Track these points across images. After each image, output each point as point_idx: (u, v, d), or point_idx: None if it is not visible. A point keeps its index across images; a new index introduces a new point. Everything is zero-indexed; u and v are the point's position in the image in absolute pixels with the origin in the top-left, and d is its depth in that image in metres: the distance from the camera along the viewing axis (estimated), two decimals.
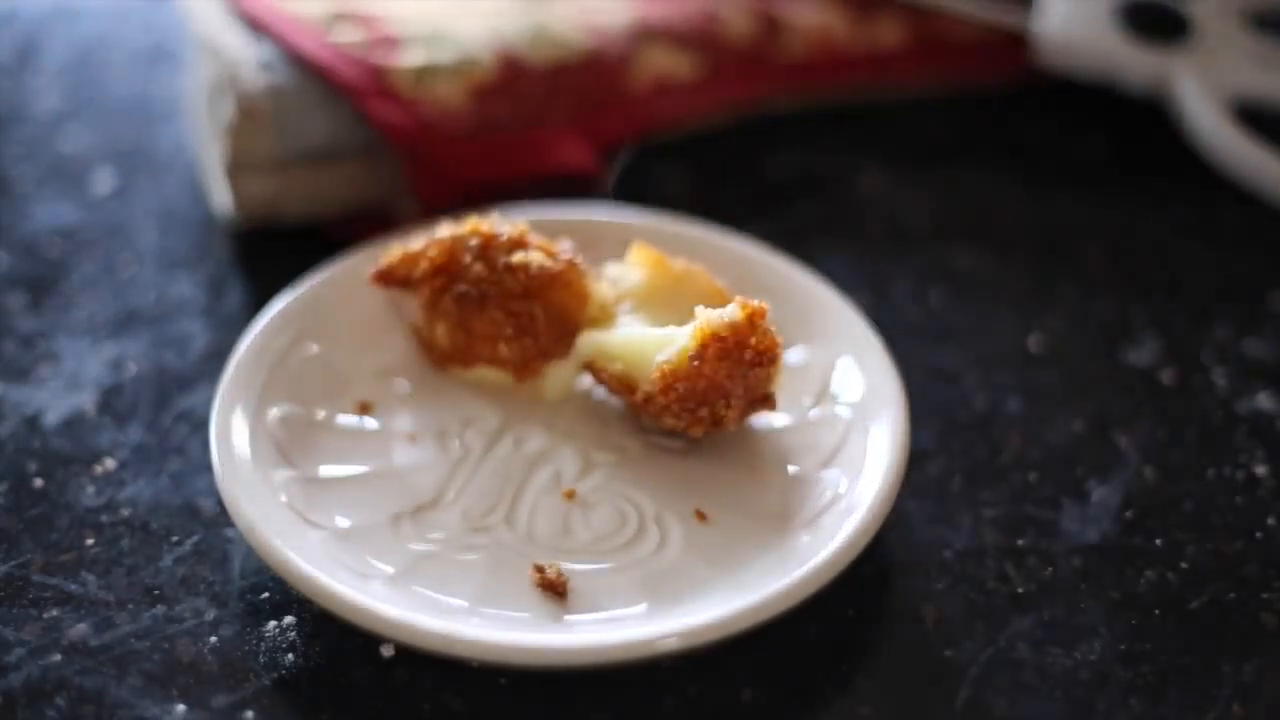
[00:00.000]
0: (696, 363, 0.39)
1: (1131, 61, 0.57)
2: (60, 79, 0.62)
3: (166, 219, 0.54)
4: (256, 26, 0.51)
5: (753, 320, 0.39)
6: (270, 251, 0.51)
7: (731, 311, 0.39)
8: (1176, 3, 0.57)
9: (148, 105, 0.60)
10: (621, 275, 0.44)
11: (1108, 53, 0.57)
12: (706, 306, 0.41)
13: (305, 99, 0.49)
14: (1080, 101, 0.61)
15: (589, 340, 0.43)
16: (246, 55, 0.50)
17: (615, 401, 0.44)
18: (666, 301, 0.43)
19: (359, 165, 0.50)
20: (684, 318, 0.41)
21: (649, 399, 0.41)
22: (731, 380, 0.40)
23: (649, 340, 0.41)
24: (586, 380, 0.44)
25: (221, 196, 0.51)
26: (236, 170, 0.49)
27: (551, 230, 0.47)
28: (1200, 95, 0.55)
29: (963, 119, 0.61)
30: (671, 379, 0.40)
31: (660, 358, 0.40)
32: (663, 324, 0.42)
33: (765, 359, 0.39)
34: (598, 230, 0.48)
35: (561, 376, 0.44)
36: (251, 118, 0.49)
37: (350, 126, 0.50)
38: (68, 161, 0.57)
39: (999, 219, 0.56)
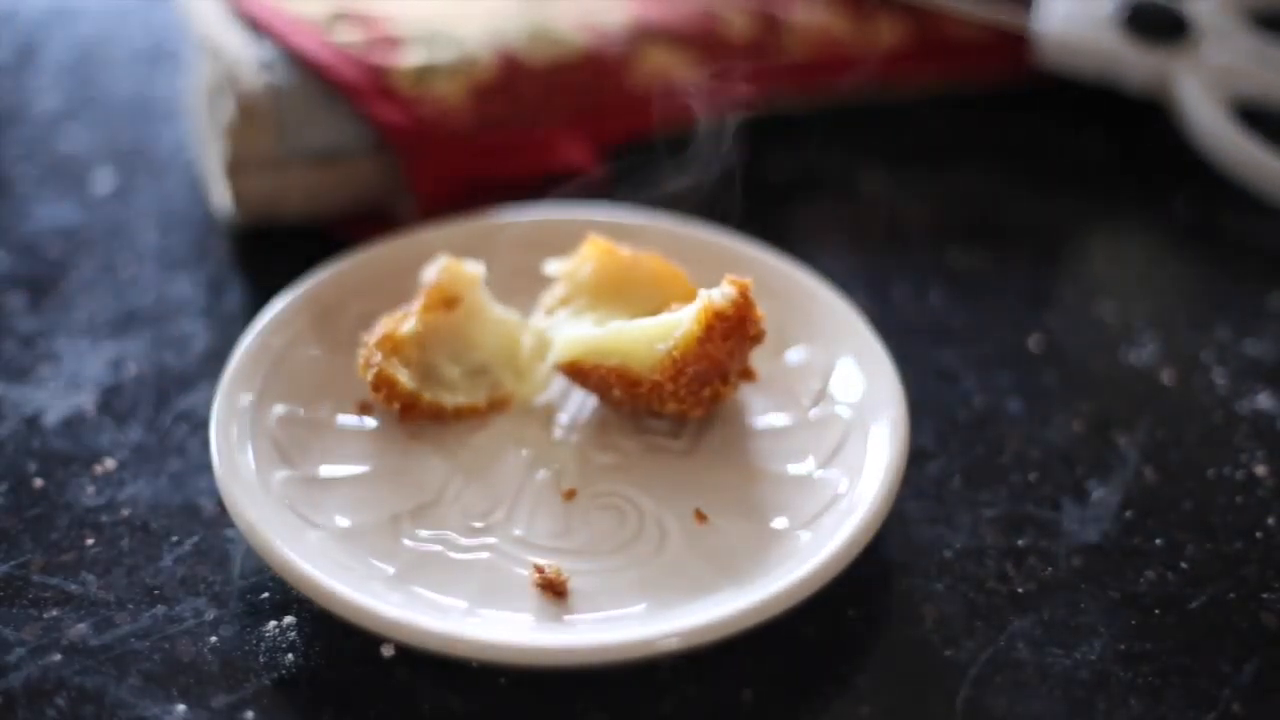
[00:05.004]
0: (706, 345, 0.39)
1: (1131, 61, 0.57)
2: (60, 79, 0.62)
3: (166, 219, 0.54)
4: (256, 26, 0.51)
5: (746, 295, 0.40)
6: (270, 251, 0.51)
7: (727, 290, 0.39)
8: (1176, 3, 0.57)
9: (148, 105, 0.60)
10: (575, 269, 0.44)
11: (1108, 53, 0.57)
12: (662, 290, 0.42)
13: (305, 99, 0.49)
14: (1080, 101, 0.61)
15: (571, 340, 0.42)
16: (246, 55, 0.50)
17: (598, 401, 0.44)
18: (618, 291, 0.44)
19: (359, 165, 0.50)
20: (640, 305, 0.42)
21: (656, 387, 0.40)
22: (732, 358, 0.40)
23: (646, 330, 0.41)
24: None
25: (221, 196, 0.51)
26: (236, 170, 0.49)
27: (551, 230, 0.47)
28: (1200, 95, 0.55)
29: (963, 119, 0.61)
30: (682, 364, 0.40)
31: (663, 346, 0.40)
32: (620, 314, 0.43)
33: (761, 333, 0.40)
34: (596, 230, 0.48)
35: (540, 380, 0.44)
36: (251, 118, 0.49)
37: (350, 126, 0.50)
38: (68, 161, 0.57)
39: (999, 219, 0.56)
